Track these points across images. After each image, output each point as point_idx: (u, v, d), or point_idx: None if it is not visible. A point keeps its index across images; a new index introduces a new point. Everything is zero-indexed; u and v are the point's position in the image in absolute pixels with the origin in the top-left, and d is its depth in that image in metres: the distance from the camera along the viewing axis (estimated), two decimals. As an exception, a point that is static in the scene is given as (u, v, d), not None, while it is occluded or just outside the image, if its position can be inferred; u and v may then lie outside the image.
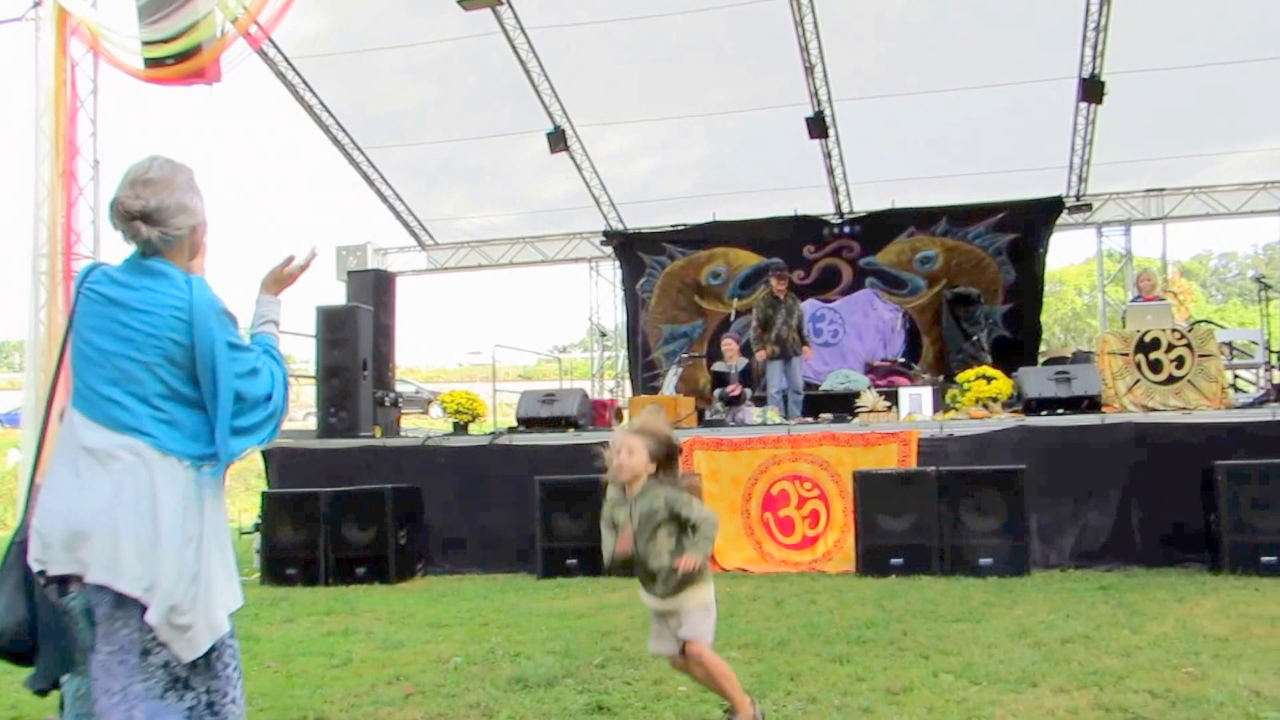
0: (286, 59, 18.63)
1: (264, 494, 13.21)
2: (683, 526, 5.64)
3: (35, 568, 3.76)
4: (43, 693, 3.90)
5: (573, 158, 20.32)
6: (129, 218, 3.87)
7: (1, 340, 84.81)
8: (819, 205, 20.81)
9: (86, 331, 3.88)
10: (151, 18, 13.26)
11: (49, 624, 3.77)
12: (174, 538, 3.73)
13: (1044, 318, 21.59)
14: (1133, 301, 15.91)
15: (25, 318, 13.91)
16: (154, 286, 3.86)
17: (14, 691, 6.43)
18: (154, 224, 3.88)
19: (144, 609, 3.69)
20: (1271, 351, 14.91)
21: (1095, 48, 16.84)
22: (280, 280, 4.32)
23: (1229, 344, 17.29)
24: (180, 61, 13.43)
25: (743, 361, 16.77)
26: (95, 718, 3.71)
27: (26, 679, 3.88)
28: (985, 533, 11.15)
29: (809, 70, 17.80)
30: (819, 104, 18.42)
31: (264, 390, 3.99)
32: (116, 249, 4.02)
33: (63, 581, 3.76)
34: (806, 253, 20.79)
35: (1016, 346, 19.38)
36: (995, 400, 13.29)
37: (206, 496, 3.90)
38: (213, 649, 3.84)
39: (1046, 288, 21.69)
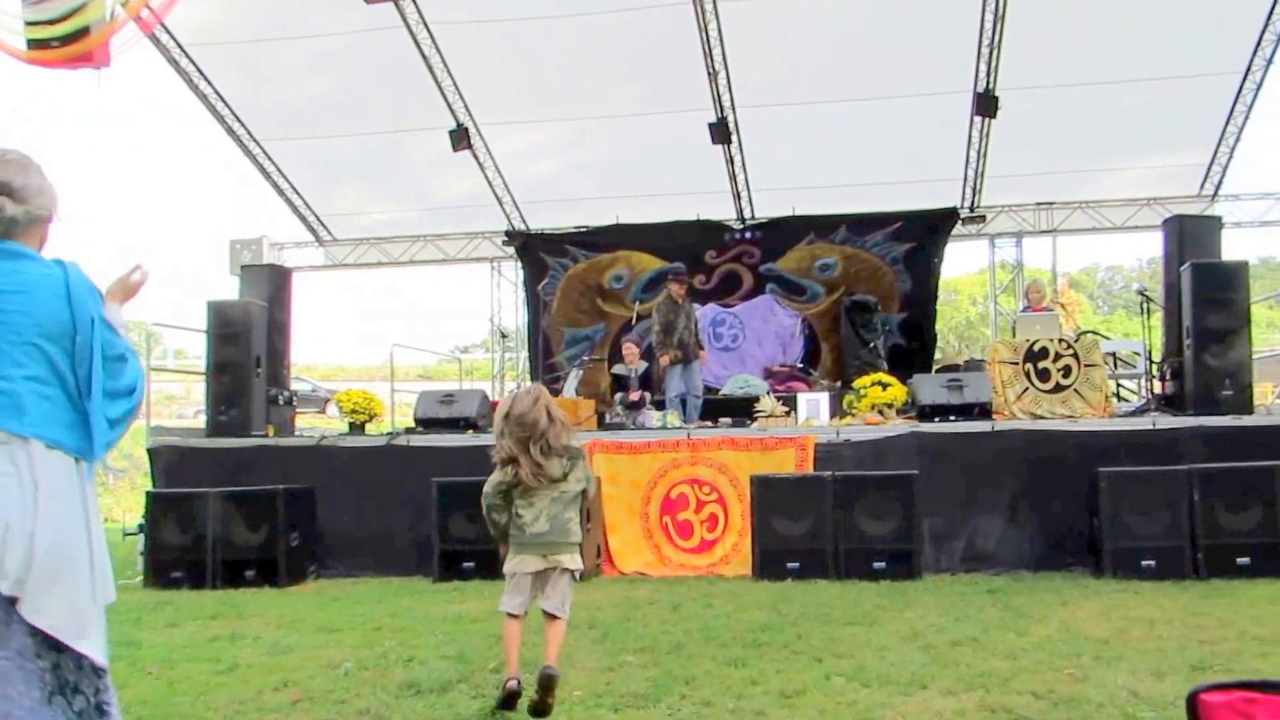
0: (180, 46, 18.26)
1: (149, 494, 12.97)
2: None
3: None
4: None
5: (475, 156, 20.20)
6: None
7: None
8: (721, 210, 20.93)
9: None
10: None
11: None
12: (64, 534, 3.66)
13: (939, 326, 21.87)
14: (1022, 312, 16.16)
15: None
16: (20, 268, 3.76)
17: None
18: (19, 201, 3.81)
19: None
20: (1153, 362, 15.21)
21: (989, 64, 17.24)
22: (127, 289, 4.23)
23: (1113, 354, 17.67)
24: (67, 44, 13.04)
25: (643, 365, 16.78)
26: None
27: None
28: (879, 537, 11.31)
29: (712, 76, 17.93)
30: (722, 110, 18.55)
31: (130, 380, 3.92)
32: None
33: None
34: (708, 258, 20.86)
35: (912, 354, 19.62)
36: (890, 407, 13.40)
37: (88, 489, 3.83)
38: None
39: (941, 296, 21.95)
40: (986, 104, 17.76)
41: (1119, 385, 17.70)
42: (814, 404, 14.33)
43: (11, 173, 3.81)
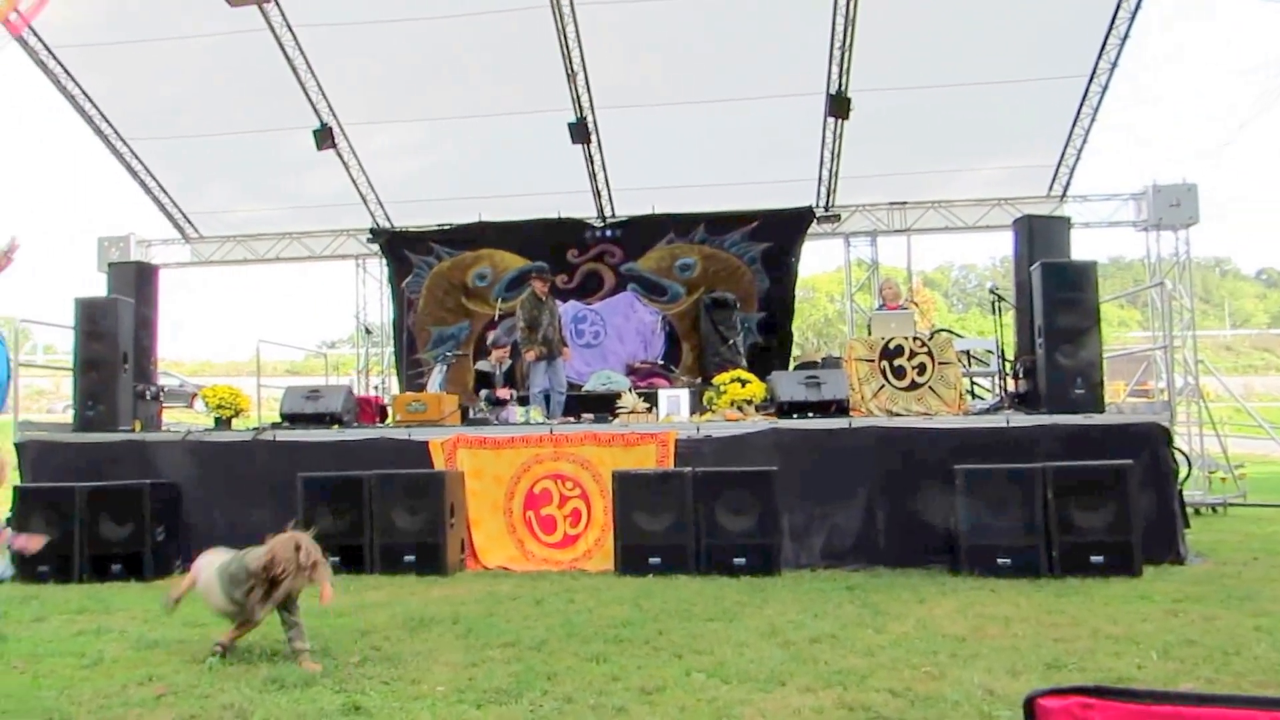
0: (47, 47, 18.22)
1: (16, 488, 12.84)
2: None
3: None
4: None
5: (340, 155, 20.30)
6: None
7: None
8: (582, 210, 21.13)
9: None
10: None
11: None
12: None
13: (797, 323, 22.07)
14: (878, 310, 16.42)
15: None
16: None
17: None
18: None
19: None
20: (1006, 360, 15.54)
21: (841, 65, 17.62)
22: None
23: (967, 352, 17.99)
24: None
25: (508, 363, 16.89)
26: None
27: None
28: (739, 532, 11.36)
29: (571, 77, 18.17)
30: (581, 110, 18.79)
31: None
32: None
33: None
34: (570, 256, 21.00)
35: (770, 352, 19.89)
36: (749, 403, 13.57)
37: None
38: None
39: (799, 294, 22.17)
40: (839, 105, 18.20)
41: (973, 383, 18.02)
42: (675, 400, 14.45)
43: None
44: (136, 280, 15.84)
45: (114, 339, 14.20)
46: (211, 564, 7.61)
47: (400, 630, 8.51)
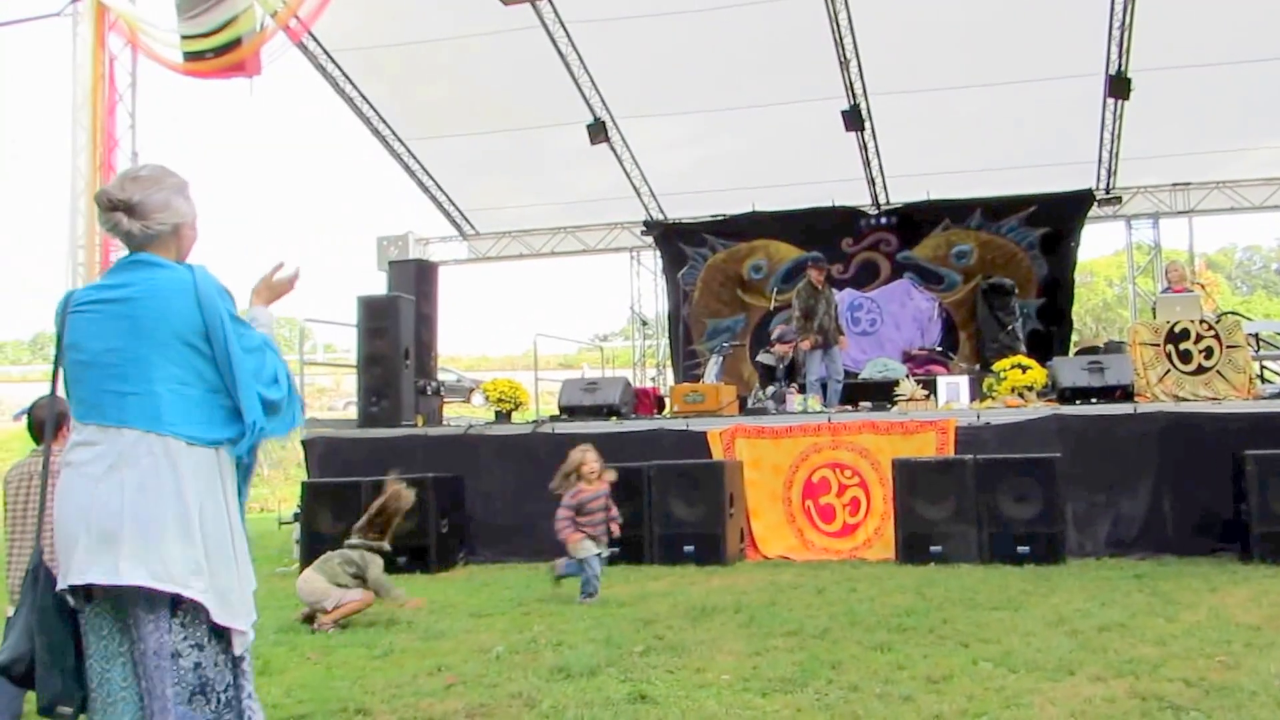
0: (327, 52, 18.80)
1: (304, 484, 13.34)
2: None
3: (59, 585, 3.76)
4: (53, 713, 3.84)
5: (613, 149, 20.46)
6: (111, 207, 3.89)
7: (42, 331, 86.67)
8: (856, 198, 20.94)
9: (87, 342, 3.85)
10: (190, 12, 13.58)
11: (61, 644, 3.80)
12: (206, 526, 3.76)
13: (1075, 309, 21.48)
14: (1162, 293, 15.89)
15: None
16: (152, 276, 3.85)
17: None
18: (136, 217, 3.89)
19: (175, 608, 3.70)
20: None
21: (1121, 45, 16.97)
22: (272, 289, 4.31)
23: (1256, 335, 17.24)
24: (220, 55, 13.69)
25: (790, 357, 16.80)
26: None
27: (43, 706, 3.84)
28: (1022, 520, 11.22)
29: (844, 64, 17.91)
30: (854, 97, 18.51)
31: (271, 371, 3.98)
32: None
33: (88, 592, 3.75)
34: (845, 246, 20.84)
35: (1049, 339, 19.45)
36: (1031, 389, 13.35)
37: (229, 481, 3.92)
38: (242, 658, 3.88)
39: (1077, 279, 21.63)
40: (1119, 86, 17.53)
41: (1263, 367, 17.33)
42: (954, 387, 14.27)
43: (133, 190, 3.91)
44: (416, 277, 16.30)
45: (395, 335, 14.59)
46: (309, 579, 8.87)
47: (682, 620, 8.54)
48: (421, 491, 12.34)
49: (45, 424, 4.39)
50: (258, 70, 14.02)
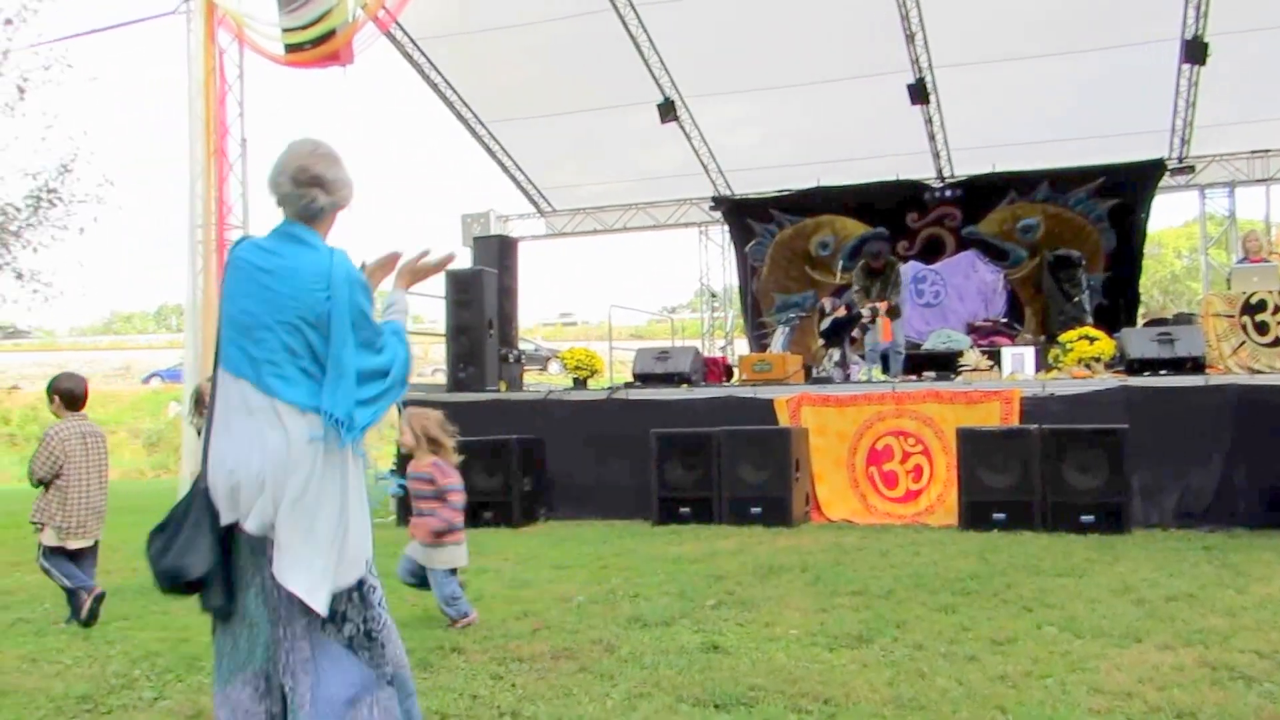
0: (413, 40, 19.60)
1: (399, 444, 13.83)
2: None
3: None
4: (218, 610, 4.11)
5: (682, 127, 20.90)
6: (312, 182, 4.10)
7: (164, 303, 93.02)
8: (921, 171, 20.93)
9: (237, 297, 4.09)
10: (290, 6, 14.53)
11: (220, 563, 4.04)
12: (317, 488, 4.00)
13: (1142, 281, 21.21)
14: (1238, 263, 15.62)
15: (185, 283, 14.97)
16: (299, 253, 4.06)
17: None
18: (329, 192, 4.13)
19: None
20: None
21: (1198, 9, 16.67)
22: (415, 273, 4.50)
23: (1336, 307, 17.06)
24: (317, 46, 14.60)
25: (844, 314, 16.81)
26: (301, 663, 4.00)
27: (205, 600, 4.08)
28: (1087, 490, 11.20)
29: (909, 38, 18.01)
30: (920, 71, 18.58)
31: (384, 364, 4.15)
32: (265, 219, 4.25)
33: (230, 528, 4.02)
34: (910, 220, 20.78)
35: (1117, 312, 18.96)
36: (1098, 360, 13.22)
37: (349, 463, 4.14)
38: (362, 584, 4.13)
39: (1145, 251, 21.24)
40: (1195, 51, 17.20)
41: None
42: (1019, 358, 14.34)
43: (324, 166, 4.13)
44: (499, 252, 16.71)
45: (480, 307, 15.06)
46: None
47: (751, 577, 8.81)
48: (505, 452, 12.92)
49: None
50: (351, 59, 14.80)
